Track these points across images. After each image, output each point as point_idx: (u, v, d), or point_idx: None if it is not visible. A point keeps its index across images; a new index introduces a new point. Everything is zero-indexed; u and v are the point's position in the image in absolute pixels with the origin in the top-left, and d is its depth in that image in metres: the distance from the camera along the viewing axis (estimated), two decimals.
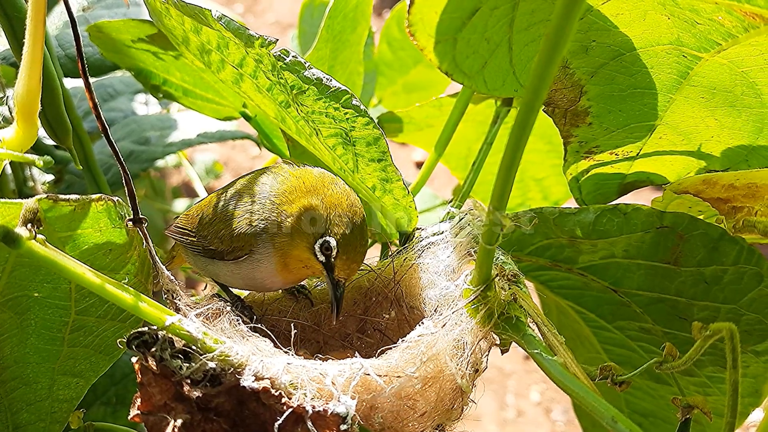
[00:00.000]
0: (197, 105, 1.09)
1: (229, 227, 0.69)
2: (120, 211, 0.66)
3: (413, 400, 0.61)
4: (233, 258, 0.70)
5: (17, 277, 0.66)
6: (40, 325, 0.69)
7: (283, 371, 0.58)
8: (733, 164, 0.74)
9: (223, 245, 0.70)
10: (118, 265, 0.68)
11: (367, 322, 0.80)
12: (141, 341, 0.57)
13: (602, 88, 0.71)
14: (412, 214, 0.76)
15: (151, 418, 0.57)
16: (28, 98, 0.59)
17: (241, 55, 0.70)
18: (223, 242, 0.70)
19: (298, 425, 0.56)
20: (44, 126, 0.84)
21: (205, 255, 0.73)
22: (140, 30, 0.93)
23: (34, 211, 0.58)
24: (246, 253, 0.70)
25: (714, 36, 0.65)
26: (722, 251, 0.68)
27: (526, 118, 0.49)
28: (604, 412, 0.56)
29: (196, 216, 0.75)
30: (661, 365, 0.61)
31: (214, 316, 0.66)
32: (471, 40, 0.65)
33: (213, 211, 0.72)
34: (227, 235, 0.70)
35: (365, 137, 0.70)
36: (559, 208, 0.74)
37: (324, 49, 0.90)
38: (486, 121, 0.94)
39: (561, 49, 0.44)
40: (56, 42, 1.09)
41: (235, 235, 0.69)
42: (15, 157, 0.58)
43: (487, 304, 0.64)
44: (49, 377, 0.71)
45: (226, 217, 0.70)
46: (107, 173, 1.19)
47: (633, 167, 0.79)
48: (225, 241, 0.70)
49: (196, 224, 0.74)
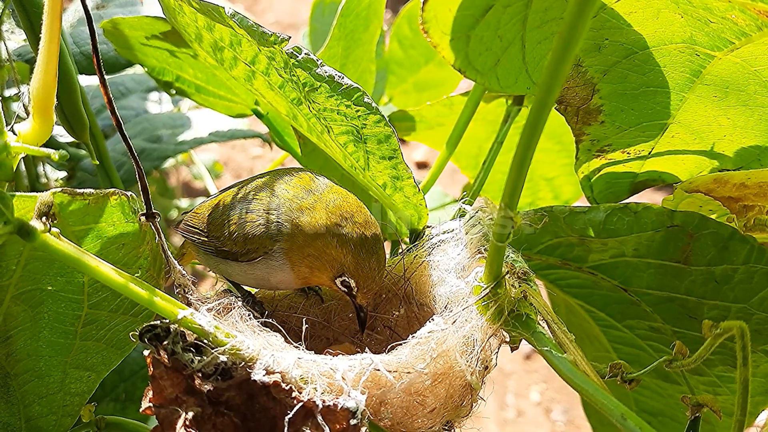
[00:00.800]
0: (210, 102, 1.09)
1: (242, 229, 0.69)
2: (133, 206, 0.66)
3: (423, 396, 0.61)
4: (247, 260, 0.71)
5: (31, 271, 0.67)
6: (53, 318, 0.70)
7: (293, 366, 0.58)
8: (746, 163, 0.74)
9: (237, 247, 0.70)
10: (130, 259, 0.69)
11: (377, 318, 0.80)
12: (153, 334, 0.58)
13: (615, 87, 0.71)
14: (422, 211, 0.76)
15: (162, 411, 0.58)
16: (44, 92, 0.59)
17: (254, 53, 0.70)
18: (236, 244, 0.70)
19: (308, 419, 0.56)
20: (61, 121, 0.84)
21: (218, 255, 0.73)
22: (154, 27, 0.94)
23: (49, 204, 0.59)
24: (260, 255, 0.70)
25: (727, 35, 0.64)
26: (732, 250, 0.68)
27: (538, 116, 0.49)
28: (613, 410, 0.56)
29: (208, 216, 0.74)
30: (671, 363, 0.61)
31: (225, 311, 0.66)
32: (484, 38, 0.65)
33: (226, 212, 0.72)
34: (241, 238, 0.70)
35: (376, 135, 0.70)
36: (570, 207, 0.74)
37: (336, 47, 0.91)
38: (497, 120, 0.94)
39: (574, 48, 0.45)
40: (71, 39, 1.10)
41: (249, 237, 0.69)
42: (31, 150, 0.59)
43: (498, 302, 0.64)
44: (62, 370, 0.72)
45: (241, 219, 0.70)
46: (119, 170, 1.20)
47: (645, 166, 0.79)
48: (239, 243, 0.70)
49: (208, 224, 0.74)
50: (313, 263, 0.69)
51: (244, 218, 0.70)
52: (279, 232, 0.68)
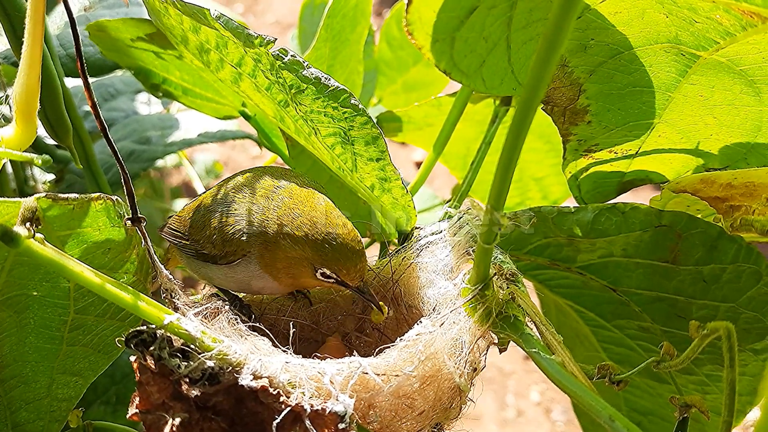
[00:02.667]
0: (197, 104, 1.09)
1: (221, 231, 0.69)
2: (119, 210, 0.66)
3: (411, 398, 0.61)
4: (226, 262, 0.70)
5: (16, 276, 0.66)
6: (39, 323, 0.69)
7: (281, 370, 0.58)
8: (732, 162, 0.74)
9: (216, 249, 0.70)
10: (116, 264, 0.68)
11: (366, 321, 0.80)
12: (139, 340, 0.57)
13: (601, 87, 0.71)
14: (410, 213, 0.76)
15: (149, 417, 0.57)
16: (27, 96, 0.59)
17: (240, 55, 0.70)
18: (215, 246, 0.70)
19: (296, 424, 0.56)
20: (44, 125, 0.84)
21: (198, 258, 0.73)
22: (139, 29, 0.93)
23: (33, 209, 0.58)
24: (239, 258, 0.69)
25: (712, 34, 0.65)
26: (721, 250, 0.68)
27: (524, 117, 0.49)
28: (601, 411, 0.56)
29: (188, 218, 0.74)
30: (659, 364, 0.61)
31: (212, 315, 0.66)
32: (469, 39, 0.65)
33: (204, 214, 0.71)
34: (219, 240, 0.69)
35: (364, 136, 0.70)
36: (558, 207, 0.74)
37: (323, 48, 0.90)
38: (485, 121, 0.94)
39: (559, 48, 0.45)
40: (57, 41, 1.09)
41: (227, 240, 0.69)
42: (14, 155, 0.59)
43: (485, 303, 0.64)
44: (48, 376, 0.71)
45: (219, 221, 0.69)
46: (107, 173, 1.19)
47: (632, 165, 0.79)
48: (217, 246, 0.70)
49: (188, 227, 0.73)
50: (286, 267, 0.69)
51: (221, 221, 0.69)
52: (252, 236, 0.68)
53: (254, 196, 0.69)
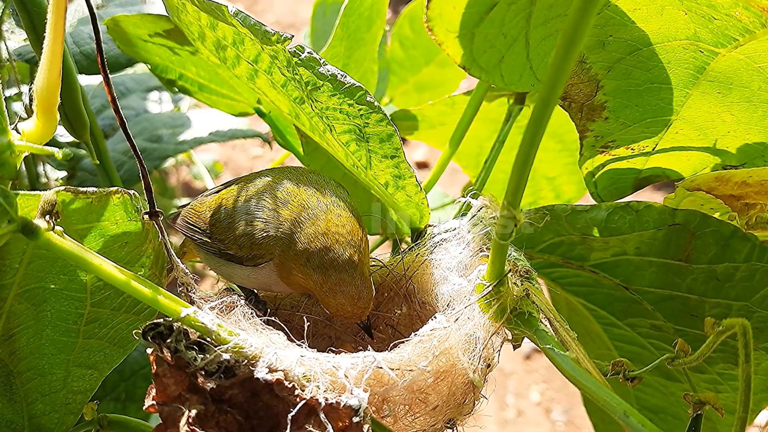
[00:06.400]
0: (212, 100, 1.09)
1: (250, 235, 0.69)
2: (136, 205, 0.66)
3: (425, 393, 0.62)
4: (253, 264, 0.70)
5: (34, 269, 0.67)
6: (55, 316, 0.70)
7: (296, 363, 0.58)
8: (750, 160, 0.74)
9: (243, 251, 0.70)
10: (133, 258, 0.69)
11: (379, 317, 0.81)
12: (156, 332, 0.58)
13: (619, 83, 0.71)
14: (424, 210, 0.76)
15: (165, 409, 0.58)
16: (48, 91, 0.59)
17: (257, 51, 0.70)
18: (242, 248, 0.70)
19: (310, 417, 0.56)
20: (62, 121, 0.85)
21: (221, 257, 0.72)
22: (157, 25, 0.94)
23: (53, 203, 0.59)
24: (267, 261, 0.69)
25: (731, 31, 0.65)
26: (734, 248, 0.68)
27: (542, 112, 0.49)
28: (616, 407, 0.56)
29: (208, 215, 0.73)
30: (673, 361, 0.61)
31: (227, 309, 0.66)
32: (488, 35, 0.66)
33: (231, 215, 0.70)
34: (247, 243, 0.69)
35: (379, 134, 0.70)
36: (571, 206, 0.74)
37: (339, 47, 0.91)
38: (498, 120, 0.94)
39: (578, 44, 0.45)
40: (71, 39, 1.10)
41: (256, 243, 0.68)
42: (35, 149, 0.59)
43: (500, 300, 0.64)
44: (64, 368, 0.72)
45: (247, 223, 0.69)
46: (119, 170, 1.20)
47: (649, 162, 0.79)
48: (244, 248, 0.69)
49: (211, 225, 0.73)
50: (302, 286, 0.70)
51: (251, 223, 0.69)
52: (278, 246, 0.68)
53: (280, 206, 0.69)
